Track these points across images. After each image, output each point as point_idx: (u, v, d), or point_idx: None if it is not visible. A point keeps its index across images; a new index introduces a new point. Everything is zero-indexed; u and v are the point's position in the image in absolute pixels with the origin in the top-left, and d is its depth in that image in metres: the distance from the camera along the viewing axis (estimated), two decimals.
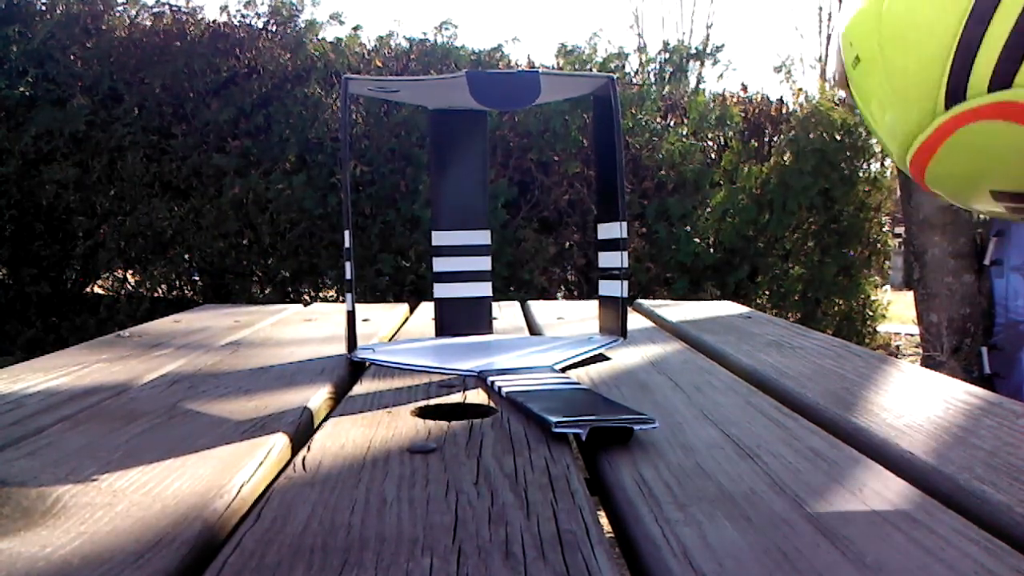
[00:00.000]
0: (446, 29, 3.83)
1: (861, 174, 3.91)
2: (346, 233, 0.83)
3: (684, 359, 0.89)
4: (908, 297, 4.48)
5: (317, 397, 0.69)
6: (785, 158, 3.80)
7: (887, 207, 4.15)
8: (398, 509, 0.42)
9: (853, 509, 0.42)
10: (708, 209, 3.79)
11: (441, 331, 1.03)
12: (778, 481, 0.46)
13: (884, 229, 4.14)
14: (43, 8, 3.78)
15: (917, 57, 0.45)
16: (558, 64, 3.87)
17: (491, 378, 0.72)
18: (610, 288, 0.95)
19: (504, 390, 0.67)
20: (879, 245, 4.08)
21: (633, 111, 3.76)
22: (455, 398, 0.68)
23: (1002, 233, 2.95)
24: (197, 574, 0.36)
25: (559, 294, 3.95)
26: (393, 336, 1.14)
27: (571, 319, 1.26)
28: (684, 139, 3.79)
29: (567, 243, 3.80)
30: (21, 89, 3.65)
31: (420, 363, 0.83)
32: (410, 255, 3.62)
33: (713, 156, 4.01)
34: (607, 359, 0.88)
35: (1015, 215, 0.51)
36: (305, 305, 1.54)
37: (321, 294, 3.91)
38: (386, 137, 3.61)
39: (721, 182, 3.83)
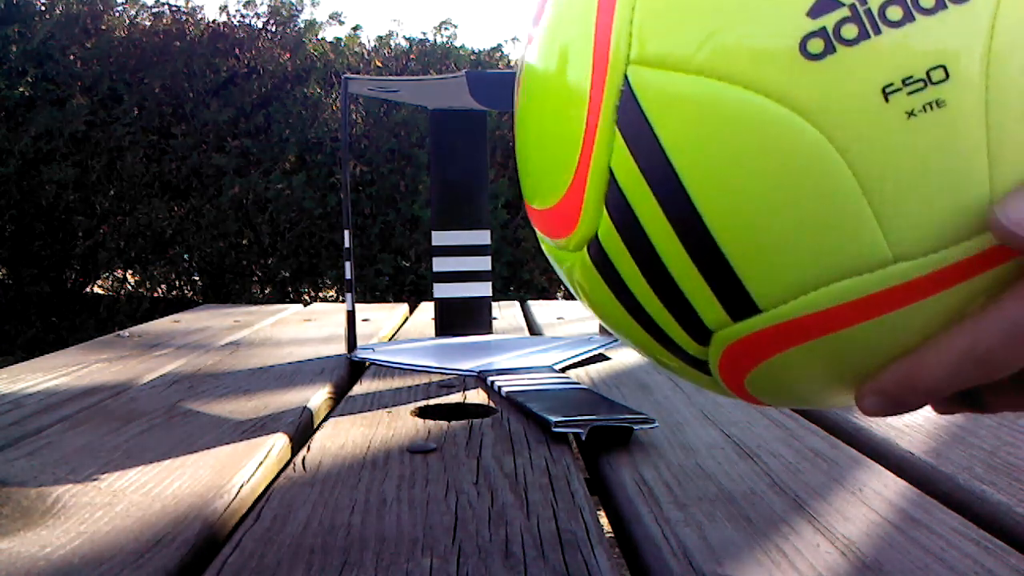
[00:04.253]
0: (446, 29, 3.83)
1: None
2: (346, 233, 0.83)
3: None
4: None
5: (317, 397, 0.69)
6: None
7: None
8: (398, 509, 0.42)
9: (853, 509, 0.42)
10: None
11: (441, 331, 1.03)
12: (778, 481, 0.46)
13: None
14: (42, 8, 3.78)
15: None
16: None
17: (491, 378, 0.72)
18: None
19: (504, 390, 0.67)
20: None
21: None
22: (455, 398, 0.68)
23: None
24: (197, 574, 0.36)
25: (559, 294, 3.95)
26: (393, 336, 1.14)
27: (571, 319, 1.26)
28: None
29: None
30: (21, 89, 3.65)
31: (420, 363, 0.83)
32: (410, 255, 3.62)
33: None
34: (607, 359, 0.88)
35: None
36: (305, 305, 1.54)
37: (321, 294, 3.91)
38: (386, 137, 3.61)
39: None
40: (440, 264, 1.02)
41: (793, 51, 0.23)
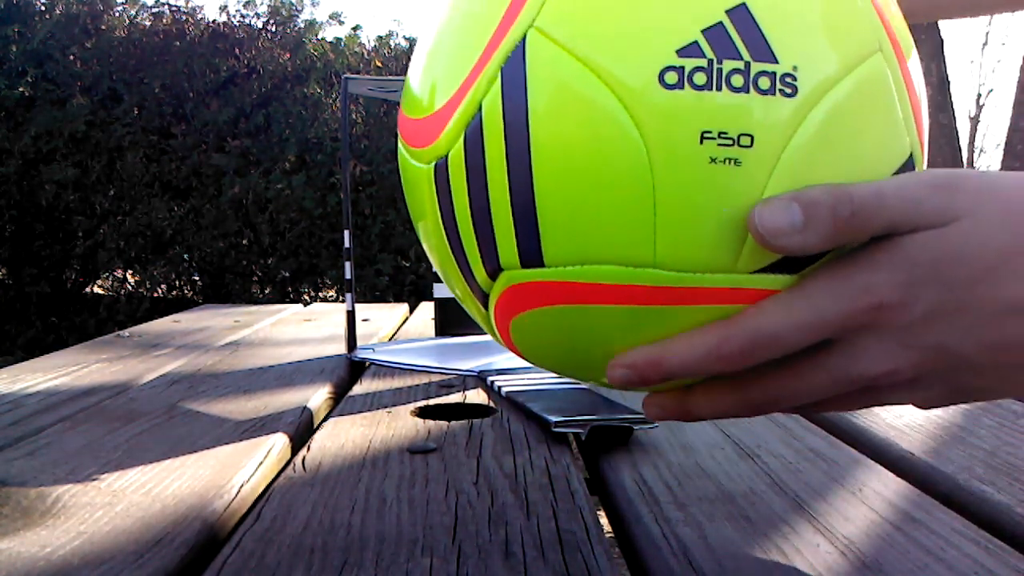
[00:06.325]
0: None
1: None
2: (346, 233, 0.83)
3: None
4: None
5: (317, 397, 0.69)
6: None
7: None
8: (398, 509, 0.42)
9: (853, 509, 0.42)
10: None
11: (441, 331, 1.03)
12: (778, 481, 0.46)
13: None
14: (42, 8, 3.78)
15: None
16: None
17: (491, 378, 0.72)
18: None
19: (504, 390, 0.67)
20: None
21: None
22: (455, 398, 0.68)
23: None
24: (197, 574, 0.36)
25: None
26: (393, 336, 1.14)
27: None
28: None
29: None
30: (21, 89, 3.65)
31: (420, 363, 0.83)
32: (410, 255, 3.62)
33: None
34: None
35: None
36: (305, 305, 1.54)
37: (321, 294, 3.91)
38: (386, 137, 3.61)
39: None
40: None
41: (655, 74, 0.27)
